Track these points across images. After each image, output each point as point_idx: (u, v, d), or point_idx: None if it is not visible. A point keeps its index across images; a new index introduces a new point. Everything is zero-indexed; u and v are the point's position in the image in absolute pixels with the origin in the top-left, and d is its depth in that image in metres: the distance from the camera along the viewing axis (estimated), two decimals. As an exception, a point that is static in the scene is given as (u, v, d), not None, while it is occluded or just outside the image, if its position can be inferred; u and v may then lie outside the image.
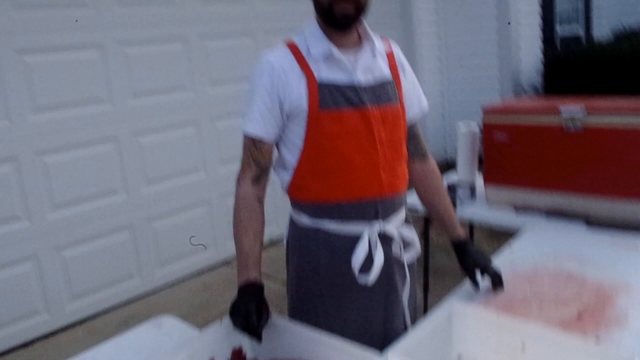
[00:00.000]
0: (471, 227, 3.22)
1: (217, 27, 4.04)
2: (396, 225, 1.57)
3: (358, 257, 1.48)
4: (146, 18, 3.62)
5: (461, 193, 2.64)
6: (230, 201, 1.54)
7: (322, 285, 1.55)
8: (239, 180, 1.51)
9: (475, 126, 2.85)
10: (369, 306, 1.57)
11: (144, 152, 3.68)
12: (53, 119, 3.23)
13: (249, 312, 1.30)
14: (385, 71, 1.54)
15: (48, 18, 3.18)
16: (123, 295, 3.64)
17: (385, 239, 1.54)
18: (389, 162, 1.50)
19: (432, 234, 4.29)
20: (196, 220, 3.96)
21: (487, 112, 2.52)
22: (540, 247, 1.99)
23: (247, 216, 1.47)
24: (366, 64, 1.49)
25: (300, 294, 1.61)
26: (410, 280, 1.64)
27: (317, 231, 1.53)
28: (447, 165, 5.63)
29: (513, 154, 2.45)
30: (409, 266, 1.62)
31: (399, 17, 5.82)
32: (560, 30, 6.97)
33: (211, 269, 4.08)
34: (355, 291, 1.53)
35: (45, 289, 3.27)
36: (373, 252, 1.50)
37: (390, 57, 1.59)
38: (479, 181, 2.71)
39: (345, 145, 1.45)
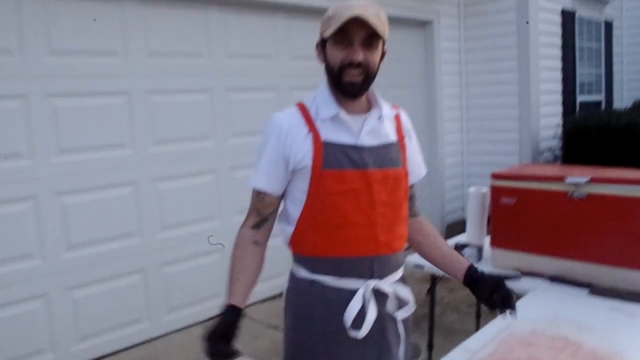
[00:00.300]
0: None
1: (242, 80, 4.20)
2: (392, 283, 1.60)
3: (350, 312, 1.51)
4: (173, 69, 3.77)
5: (468, 254, 2.66)
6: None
7: (316, 338, 1.57)
8: (242, 225, 1.62)
9: (485, 189, 2.88)
10: None
11: (161, 198, 3.77)
12: (75, 161, 3.34)
13: (216, 336, 1.39)
14: (391, 135, 1.61)
15: (79, 65, 3.34)
16: (131, 338, 3.66)
17: (380, 296, 1.56)
18: (387, 222, 1.55)
19: (443, 292, 4.30)
20: (209, 268, 4.00)
21: (496, 176, 2.57)
22: (541, 310, 1.99)
23: (240, 253, 1.57)
24: (372, 127, 1.56)
25: (295, 345, 1.64)
26: (404, 336, 1.66)
27: (313, 284, 1.57)
28: (464, 225, 5.62)
29: (520, 218, 2.47)
30: (402, 322, 1.64)
31: (423, 78, 5.96)
32: (581, 98, 7.05)
33: (220, 317, 4.08)
34: (347, 345, 1.55)
35: (53, 328, 3.30)
36: (367, 307, 1.53)
37: (398, 121, 1.67)
38: (487, 243, 2.72)
39: (344, 203, 1.51)
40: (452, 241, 2.94)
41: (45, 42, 3.19)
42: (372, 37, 1.47)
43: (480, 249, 2.75)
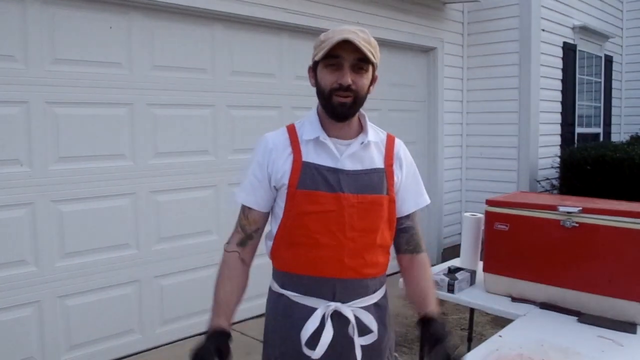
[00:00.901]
0: (472, 311, 3.23)
1: (245, 97, 4.24)
2: (356, 308, 1.58)
3: (307, 330, 1.54)
4: (177, 82, 3.81)
5: (461, 278, 2.68)
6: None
7: (279, 350, 1.62)
8: (228, 242, 1.68)
9: (480, 215, 2.92)
10: None
11: (159, 210, 3.78)
12: (73, 169, 3.35)
13: (208, 353, 1.38)
14: (377, 161, 1.61)
15: (82, 74, 3.36)
16: (122, 349, 3.65)
17: (342, 319, 1.56)
18: (357, 247, 1.56)
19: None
20: (204, 281, 3.99)
21: (490, 203, 2.61)
22: (529, 335, 2.01)
23: (227, 272, 1.61)
24: (354, 152, 1.58)
25: (265, 356, 1.68)
26: (367, 358, 1.61)
27: (280, 297, 1.63)
28: (460, 250, 5.67)
29: (512, 245, 2.51)
30: (367, 347, 1.60)
31: (426, 104, 6.04)
32: (580, 130, 7.14)
33: (212, 331, 4.08)
34: None
35: (44, 336, 3.29)
36: (326, 328, 1.54)
37: (389, 149, 1.66)
38: (480, 268, 2.75)
39: (313, 224, 1.54)
40: (446, 265, 2.97)
41: (49, 51, 3.22)
42: (361, 62, 1.50)
43: (473, 274, 2.78)
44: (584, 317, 2.19)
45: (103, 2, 3.42)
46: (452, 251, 5.71)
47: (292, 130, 1.63)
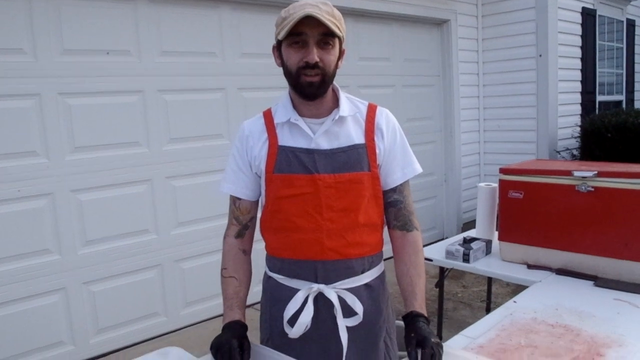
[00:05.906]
0: (489, 281, 3.23)
1: (255, 79, 4.23)
2: (340, 289, 1.55)
3: (288, 311, 1.55)
4: (186, 68, 3.83)
5: (477, 247, 2.67)
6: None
7: (269, 331, 1.64)
8: (225, 236, 1.67)
9: (495, 185, 2.90)
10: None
11: (176, 195, 3.83)
12: (90, 158, 3.40)
13: (231, 346, 1.38)
14: (355, 137, 1.55)
15: (92, 64, 3.39)
16: (148, 332, 3.74)
17: (327, 301, 1.55)
18: (337, 228, 1.52)
19: (457, 288, 4.31)
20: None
21: (504, 171, 2.59)
22: (544, 301, 2.01)
23: (232, 265, 1.62)
24: (328, 129, 1.53)
25: (260, 337, 1.71)
26: (357, 340, 1.59)
27: (269, 280, 1.65)
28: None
29: (527, 212, 2.49)
30: (357, 328, 1.57)
31: (440, 78, 5.97)
32: (601, 98, 6.99)
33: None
34: (290, 343, 1.56)
35: (72, 321, 3.38)
36: (306, 309, 1.54)
37: (369, 122, 1.58)
38: (496, 237, 2.74)
39: (290, 207, 1.52)
40: (462, 235, 2.97)
41: (57, 42, 3.24)
42: (327, 36, 1.43)
43: (488, 243, 2.76)
44: (600, 281, 2.18)
45: (109, -10, 3.43)
46: (472, 225, 5.65)
47: (267, 115, 1.61)
